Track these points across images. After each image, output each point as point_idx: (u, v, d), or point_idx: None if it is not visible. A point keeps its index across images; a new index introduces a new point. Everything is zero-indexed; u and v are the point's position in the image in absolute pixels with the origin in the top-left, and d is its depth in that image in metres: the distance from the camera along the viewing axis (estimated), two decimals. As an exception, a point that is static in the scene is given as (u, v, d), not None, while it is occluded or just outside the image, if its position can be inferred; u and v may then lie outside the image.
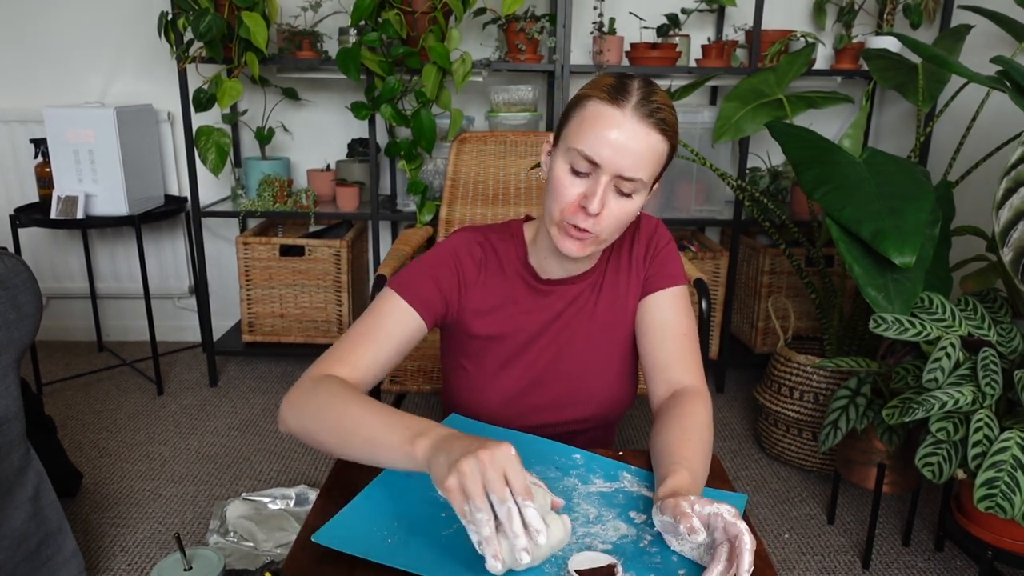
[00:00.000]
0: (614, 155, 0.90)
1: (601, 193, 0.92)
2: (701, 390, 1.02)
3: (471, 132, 2.29)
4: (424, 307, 1.02)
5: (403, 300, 1.02)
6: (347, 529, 0.79)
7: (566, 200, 0.94)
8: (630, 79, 0.94)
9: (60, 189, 2.35)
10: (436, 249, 1.08)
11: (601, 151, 0.90)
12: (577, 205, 0.94)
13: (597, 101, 0.92)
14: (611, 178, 0.92)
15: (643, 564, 0.75)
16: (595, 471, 0.93)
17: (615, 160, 0.90)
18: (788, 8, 2.70)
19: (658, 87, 0.94)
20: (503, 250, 1.10)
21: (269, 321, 2.58)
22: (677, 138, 0.96)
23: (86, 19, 2.68)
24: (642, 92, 0.92)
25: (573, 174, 0.94)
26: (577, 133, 0.93)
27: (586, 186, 0.93)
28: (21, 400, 1.39)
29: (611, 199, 0.93)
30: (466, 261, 1.07)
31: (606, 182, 0.92)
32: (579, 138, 0.92)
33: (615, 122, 0.90)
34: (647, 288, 1.09)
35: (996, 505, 1.37)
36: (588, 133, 0.91)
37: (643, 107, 0.91)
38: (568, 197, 0.94)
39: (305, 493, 1.89)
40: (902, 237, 1.58)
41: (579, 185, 0.94)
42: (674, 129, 0.94)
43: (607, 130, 0.90)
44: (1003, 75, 1.71)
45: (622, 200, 0.94)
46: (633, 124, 0.90)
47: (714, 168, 2.21)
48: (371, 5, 2.20)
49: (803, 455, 2.13)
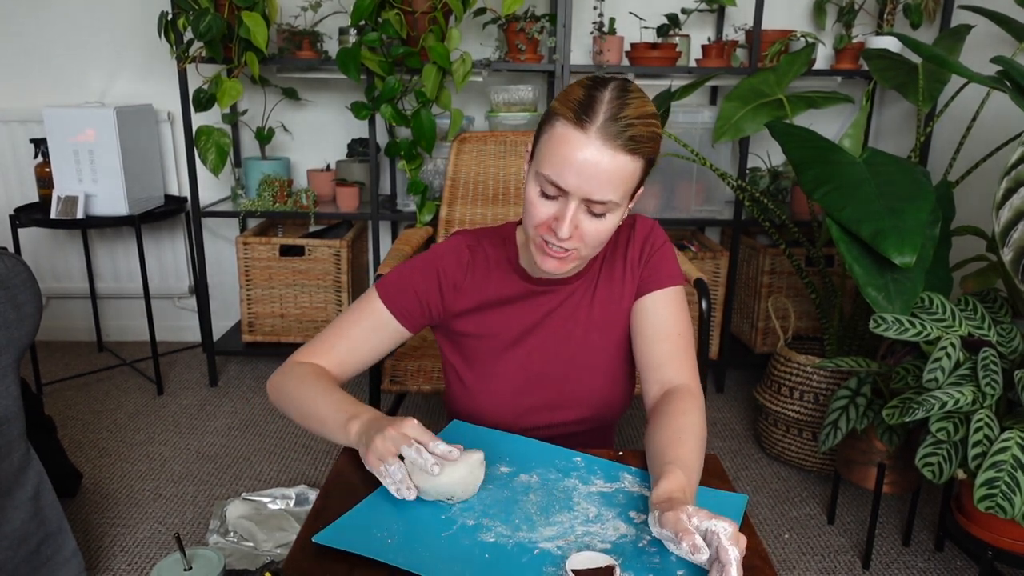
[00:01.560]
0: (579, 181, 0.88)
1: (570, 217, 0.91)
2: (693, 389, 1.01)
3: (471, 132, 2.29)
4: (402, 313, 1.07)
5: (382, 304, 1.07)
6: (348, 530, 0.79)
7: (538, 220, 0.94)
8: (601, 89, 0.89)
9: (60, 189, 2.35)
10: (424, 255, 1.11)
11: (566, 178, 0.88)
12: (548, 226, 0.94)
13: (564, 122, 0.89)
14: (580, 202, 0.91)
15: (642, 564, 0.75)
16: (595, 472, 0.94)
17: (581, 186, 0.88)
18: (788, 8, 2.70)
19: (634, 96, 0.90)
20: (493, 252, 1.11)
21: (269, 321, 2.58)
22: (654, 149, 0.92)
23: (86, 19, 2.68)
24: (610, 109, 0.87)
25: (543, 196, 0.93)
26: (545, 156, 0.91)
27: (556, 208, 0.92)
28: (21, 400, 1.39)
29: (583, 220, 0.92)
30: (450, 266, 1.09)
31: (575, 206, 0.91)
32: (546, 162, 0.90)
33: (579, 146, 0.87)
34: (642, 289, 1.09)
35: (996, 505, 1.37)
36: (554, 158, 0.89)
37: (610, 127, 0.87)
38: (539, 218, 0.94)
39: (305, 493, 1.89)
40: (902, 237, 1.58)
41: (550, 207, 0.93)
42: (648, 142, 0.90)
43: (571, 155, 0.88)
44: (1003, 75, 1.71)
45: (595, 220, 0.93)
46: (598, 148, 0.87)
47: (714, 168, 2.21)
48: (371, 5, 2.20)
49: (803, 455, 2.13)
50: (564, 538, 0.79)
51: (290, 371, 1.05)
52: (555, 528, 0.81)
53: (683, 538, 0.70)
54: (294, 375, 1.04)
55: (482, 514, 0.83)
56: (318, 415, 0.97)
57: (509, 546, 0.78)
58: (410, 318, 1.07)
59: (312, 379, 1.02)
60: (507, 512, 0.83)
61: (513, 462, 0.95)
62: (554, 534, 0.80)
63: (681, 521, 0.72)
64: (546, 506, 0.85)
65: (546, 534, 0.80)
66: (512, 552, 0.77)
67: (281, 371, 1.06)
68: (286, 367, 1.06)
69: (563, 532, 0.80)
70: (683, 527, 0.71)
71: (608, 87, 0.90)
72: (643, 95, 0.92)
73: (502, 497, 0.86)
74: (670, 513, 0.73)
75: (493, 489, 0.88)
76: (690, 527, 0.71)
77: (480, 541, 0.78)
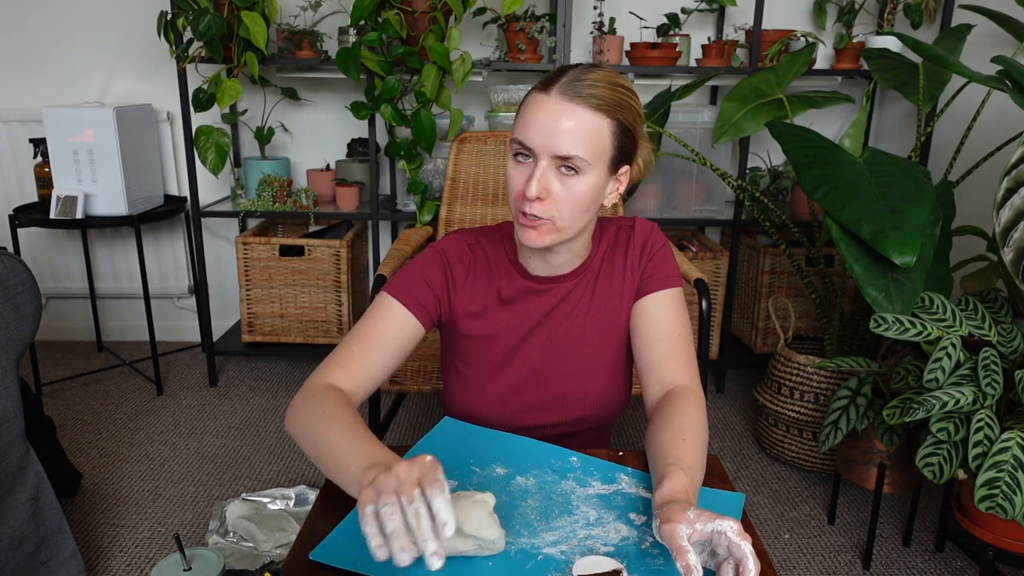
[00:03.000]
0: (542, 136, 0.93)
1: (539, 176, 0.94)
2: (694, 389, 1.01)
3: (471, 132, 2.29)
4: (419, 308, 1.05)
5: (398, 303, 1.04)
6: (344, 545, 0.78)
7: (515, 190, 0.97)
8: (573, 66, 0.96)
9: (59, 189, 2.35)
10: (426, 252, 1.10)
11: (530, 135, 0.94)
12: (522, 193, 0.96)
13: (533, 92, 0.96)
14: (548, 160, 0.94)
15: (646, 566, 0.75)
16: (592, 474, 0.93)
17: (545, 141, 0.93)
18: (788, 8, 2.70)
19: (604, 69, 0.96)
20: (492, 251, 1.11)
21: (269, 321, 2.58)
22: (623, 112, 0.95)
23: (86, 19, 2.67)
24: (575, 74, 0.94)
25: (515, 162, 0.97)
26: (516, 124, 0.97)
27: (528, 172, 0.96)
28: (20, 400, 1.39)
29: (554, 182, 0.95)
30: (455, 263, 1.09)
31: (544, 166, 0.94)
32: (516, 128, 0.97)
33: (542, 105, 0.93)
34: (642, 290, 1.09)
35: (997, 505, 1.37)
36: (521, 121, 0.96)
37: (571, 87, 0.93)
38: (516, 187, 0.97)
39: (305, 493, 1.89)
40: (902, 237, 1.58)
41: (523, 171, 0.96)
42: (613, 104, 0.94)
43: (535, 114, 0.94)
44: (1004, 75, 1.71)
45: (568, 180, 0.95)
46: (559, 103, 0.92)
47: (714, 168, 2.21)
48: (371, 5, 2.19)
49: (803, 455, 2.13)
50: (566, 543, 0.79)
51: (308, 399, 0.93)
52: (556, 533, 0.81)
53: (677, 557, 0.68)
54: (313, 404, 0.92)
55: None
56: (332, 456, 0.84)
57: (512, 552, 0.77)
58: (424, 312, 1.05)
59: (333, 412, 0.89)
60: (507, 518, 0.83)
61: (508, 463, 0.95)
62: (556, 539, 0.80)
63: (676, 538, 0.70)
64: (545, 510, 0.85)
65: (548, 539, 0.79)
66: (515, 559, 0.76)
67: (300, 397, 0.95)
68: (305, 393, 0.95)
69: (565, 537, 0.80)
70: (677, 545, 0.69)
71: (578, 65, 0.97)
72: (615, 72, 0.97)
73: (500, 503, 0.86)
74: (667, 526, 0.71)
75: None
76: (686, 545, 0.69)
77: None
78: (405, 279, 1.06)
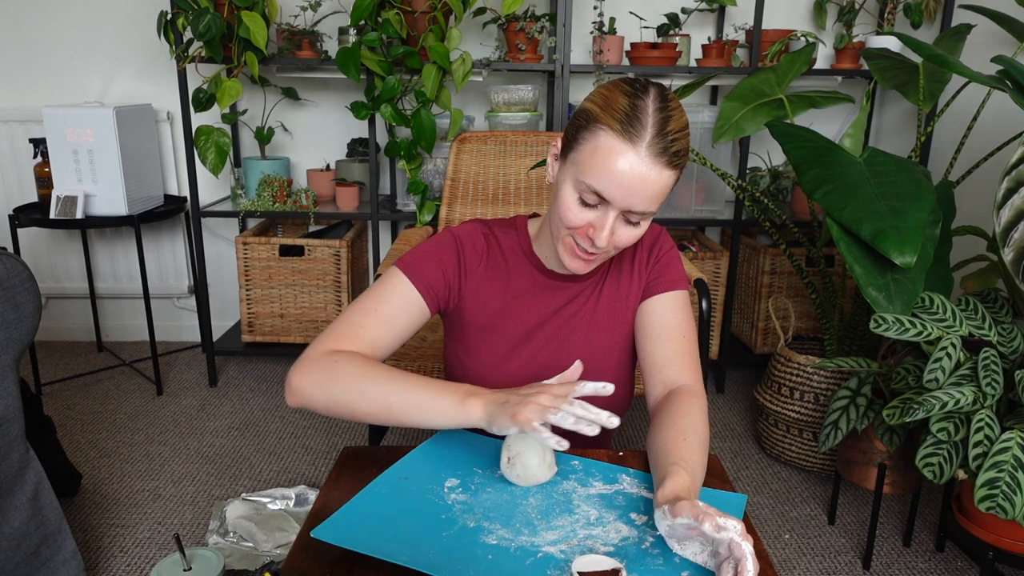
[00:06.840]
0: (625, 195, 0.89)
1: (610, 226, 0.92)
2: (696, 390, 1.01)
3: (471, 132, 2.29)
4: (429, 293, 1.04)
5: (409, 283, 1.03)
6: (347, 526, 0.79)
7: (573, 224, 0.94)
8: (643, 97, 0.89)
9: (59, 189, 2.35)
10: (441, 235, 1.09)
11: (612, 191, 0.89)
12: (584, 232, 0.94)
13: (610, 133, 0.88)
14: (620, 212, 0.92)
15: (646, 566, 0.75)
16: (594, 474, 0.93)
17: (627, 199, 0.89)
18: (788, 8, 2.70)
19: (675, 107, 0.90)
20: (507, 243, 1.11)
21: (269, 321, 2.58)
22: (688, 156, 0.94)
23: (86, 19, 2.67)
24: (657, 123, 0.87)
25: (581, 203, 0.93)
26: (588, 165, 0.90)
27: (595, 216, 0.93)
28: (20, 400, 1.39)
29: (619, 228, 0.94)
30: (469, 251, 1.09)
31: (615, 216, 0.92)
32: (589, 171, 0.90)
33: (628, 162, 0.87)
34: (648, 292, 1.09)
35: (997, 506, 1.37)
36: (599, 169, 0.89)
37: (657, 144, 0.87)
38: (575, 223, 0.94)
39: (305, 493, 1.89)
40: (902, 237, 1.57)
41: (588, 214, 0.93)
42: (687, 154, 0.91)
43: (620, 170, 0.87)
44: (1004, 75, 1.71)
45: (630, 228, 0.94)
46: (647, 164, 0.87)
47: (714, 168, 2.21)
48: (371, 5, 2.19)
49: (803, 455, 2.13)
50: (566, 541, 0.79)
51: (334, 363, 0.92)
52: (557, 532, 0.81)
53: (704, 519, 0.70)
54: (349, 364, 0.92)
55: (482, 516, 0.83)
56: (412, 402, 0.88)
57: (511, 549, 0.77)
58: (433, 296, 1.04)
59: (378, 365, 0.92)
60: (507, 515, 0.83)
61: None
62: (556, 538, 0.80)
63: (698, 505, 0.72)
64: (546, 509, 0.85)
65: (548, 538, 0.80)
66: (515, 555, 0.76)
67: (314, 365, 0.93)
68: (319, 360, 0.93)
69: (565, 536, 0.80)
70: (702, 510, 0.71)
71: (650, 95, 0.90)
72: (680, 104, 0.93)
73: (501, 500, 0.86)
74: (684, 502, 0.74)
75: (492, 492, 0.88)
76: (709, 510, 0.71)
77: (482, 543, 0.78)
78: (419, 259, 1.05)
